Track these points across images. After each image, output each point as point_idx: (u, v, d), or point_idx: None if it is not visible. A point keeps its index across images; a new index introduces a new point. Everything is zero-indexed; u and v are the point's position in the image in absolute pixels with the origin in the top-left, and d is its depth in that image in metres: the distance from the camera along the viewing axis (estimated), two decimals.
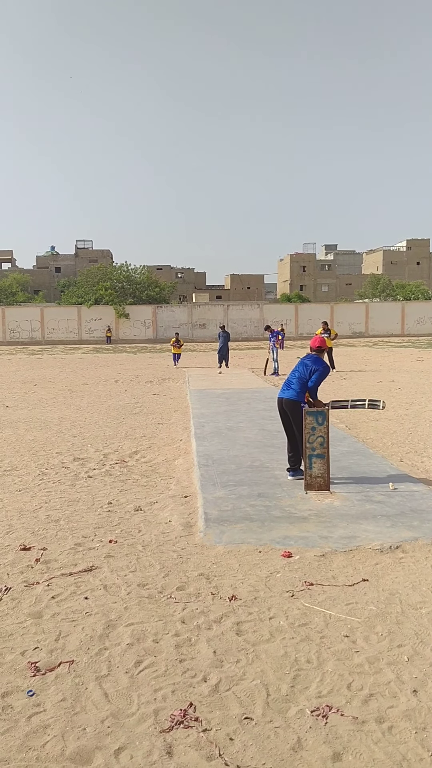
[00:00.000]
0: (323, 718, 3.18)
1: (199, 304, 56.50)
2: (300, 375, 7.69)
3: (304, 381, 7.64)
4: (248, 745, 2.99)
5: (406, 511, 6.37)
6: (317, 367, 7.60)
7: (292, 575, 4.95)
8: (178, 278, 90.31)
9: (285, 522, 6.15)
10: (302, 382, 7.64)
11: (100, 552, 5.54)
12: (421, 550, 5.42)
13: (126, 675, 3.61)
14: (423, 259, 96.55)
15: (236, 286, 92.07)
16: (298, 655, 3.79)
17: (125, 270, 57.64)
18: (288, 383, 7.82)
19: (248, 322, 52.50)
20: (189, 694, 3.41)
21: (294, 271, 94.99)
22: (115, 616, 4.32)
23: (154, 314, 52.40)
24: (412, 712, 3.23)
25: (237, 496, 7.00)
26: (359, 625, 4.15)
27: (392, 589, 4.69)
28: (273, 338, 22.56)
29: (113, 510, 6.77)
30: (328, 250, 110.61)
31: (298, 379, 7.68)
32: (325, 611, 4.34)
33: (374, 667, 3.65)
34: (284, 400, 7.75)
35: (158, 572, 5.06)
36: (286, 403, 7.71)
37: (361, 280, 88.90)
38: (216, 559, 5.31)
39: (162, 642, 3.97)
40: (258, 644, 3.92)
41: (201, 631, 4.09)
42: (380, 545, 5.49)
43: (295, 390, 7.65)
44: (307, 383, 7.61)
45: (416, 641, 3.93)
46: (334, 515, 6.32)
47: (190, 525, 6.21)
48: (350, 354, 32.12)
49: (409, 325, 52.85)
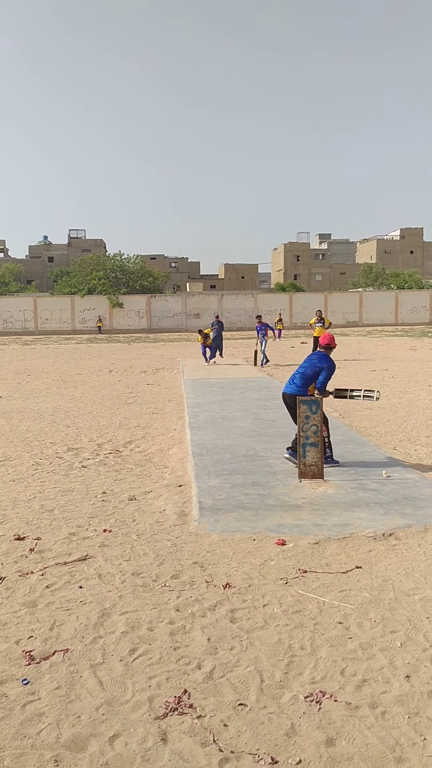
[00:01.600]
0: (317, 704, 3.20)
1: (193, 293, 56.35)
2: (304, 371, 7.73)
3: (307, 377, 7.67)
4: (242, 731, 3.01)
5: (399, 499, 6.40)
6: (324, 365, 7.61)
7: (286, 563, 4.97)
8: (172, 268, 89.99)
9: (279, 510, 6.16)
10: (305, 378, 7.67)
11: (94, 541, 5.54)
12: (413, 537, 5.44)
13: (120, 663, 3.62)
14: (416, 248, 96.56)
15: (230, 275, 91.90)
16: (292, 641, 3.81)
17: (119, 259, 57.39)
18: (292, 379, 7.87)
19: (242, 311, 52.40)
20: (183, 681, 3.43)
21: (288, 261, 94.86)
22: (109, 605, 4.33)
23: (147, 304, 52.25)
24: (405, 697, 3.26)
25: (231, 484, 7.01)
26: (353, 611, 4.18)
27: (385, 575, 4.71)
28: (261, 330, 22.28)
29: (107, 499, 6.77)
30: (321, 239, 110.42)
31: (301, 375, 7.73)
32: (318, 598, 4.36)
33: (367, 653, 3.68)
34: (287, 395, 7.80)
35: (152, 561, 5.07)
36: (289, 398, 7.77)
37: (355, 269, 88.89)
38: (210, 548, 5.32)
39: (156, 630, 3.98)
40: (252, 631, 3.94)
41: (195, 619, 4.10)
42: (373, 532, 5.51)
43: (297, 385, 7.70)
44: (310, 379, 7.65)
45: (409, 627, 3.96)
46: (328, 503, 6.34)
47: (184, 514, 6.22)
48: (344, 343, 32.14)
49: (403, 314, 52.87)
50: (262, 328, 22.27)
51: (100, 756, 2.87)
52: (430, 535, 5.50)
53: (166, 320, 52.18)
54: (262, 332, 22.32)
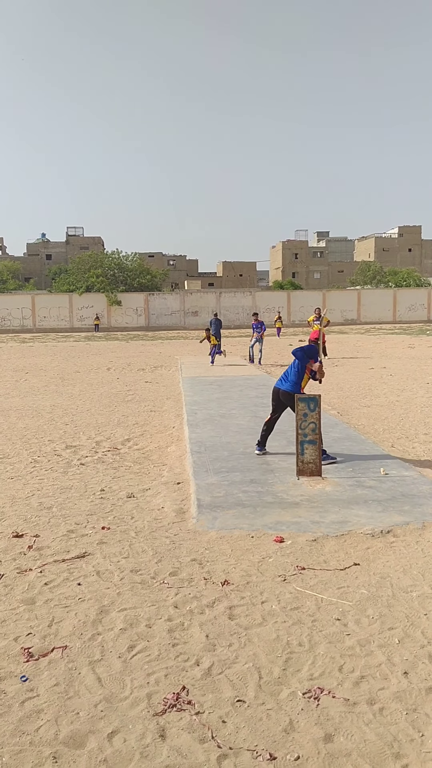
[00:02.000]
0: (315, 700, 3.21)
1: (192, 291, 56.30)
2: (296, 368, 7.87)
3: (299, 370, 7.84)
4: (240, 728, 3.01)
5: (397, 496, 6.41)
6: (297, 359, 7.86)
7: (284, 560, 4.97)
8: (170, 265, 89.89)
9: (277, 507, 6.17)
10: (299, 373, 7.83)
11: (92, 539, 5.54)
12: (411, 534, 5.45)
13: (119, 659, 3.62)
14: (415, 246, 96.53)
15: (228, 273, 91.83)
16: (290, 638, 3.81)
17: (117, 257, 57.32)
18: (285, 375, 8.00)
19: (240, 309, 52.37)
20: (182, 677, 3.43)
21: (286, 258, 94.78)
22: (108, 602, 4.33)
23: (146, 302, 52.22)
24: (402, 693, 3.27)
25: (229, 482, 7.02)
26: (351, 608, 4.18)
27: (383, 572, 4.72)
28: (257, 328, 22.15)
29: (106, 497, 6.77)
30: (320, 237, 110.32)
31: (296, 371, 7.86)
32: (316, 595, 4.37)
33: (365, 649, 3.68)
34: (280, 391, 7.93)
35: (151, 558, 5.07)
36: (282, 394, 7.90)
37: (353, 267, 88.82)
38: (208, 545, 5.32)
39: (155, 627, 3.99)
40: (250, 628, 3.94)
41: (194, 616, 4.11)
42: (371, 530, 5.52)
43: (291, 382, 7.83)
44: (302, 372, 7.85)
45: (407, 624, 3.96)
46: (326, 500, 6.35)
47: (182, 511, 6.22)
48: (342, 341, 32.15)
49: (401, 312, 52.90)
50: (258, 325, 22.21)
51: (98, 752, 2.87)
52: (428, 532, 5.51)
53: (165, 318, 52.16)
54: (257, 330, 22.25)
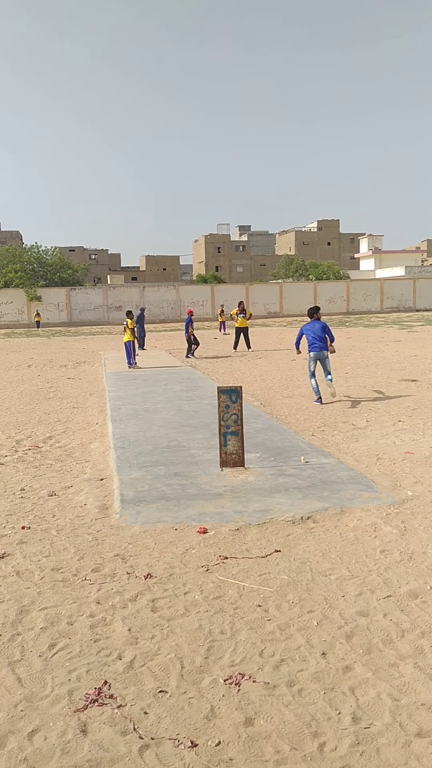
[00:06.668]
0: (236, 686, 3.26)
1: (115, 285, 55.68)
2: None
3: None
4: (162, 717, 3.03)
5: (316, 483, 6.57)
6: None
7: (207, 550, 5.02)
8: (92, 260, 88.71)
9: (201, 499, 6.21)
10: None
11: (12, 539, 5.42)
12: (330, 520, 5.61)
13: (39, 658, 3.57)
14: (333, 240, 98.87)
15: (152, 267, 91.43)
16: (212, 627, 3.86)
17: (36, 252, 56.06)
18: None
19: (165, 303, 52.16)
20: (104, 672, 3.42)
21: (209, 252, 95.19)
22: (28, 602, 4.25)
23: (67, 297, 51.20)
24: (321, 674, 3.37)
25: (153, 476, 7.01)
26: (271, 594, 4.27)
27: (303, 558, 4.84)
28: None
29: (26, 496, 6.63)
30: (242, 231, 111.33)
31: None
32: (238, 583, 4.43)
33: (285, 633, 3.77)
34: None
35: (73, 555, 5.01)
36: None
37: (274, 260, 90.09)
38: (132, 539, 5.31)
39: (76, 624, 3.95)
40: (173, 619, 3.97)
41: (116, 611, 4.10)
42: (292, 517, 5.65)
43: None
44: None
45: (325, 606, 4.08)
46: (249, 490, 6.44)
47: (105, 507, 6.17)
48: (265, 334, 32.57)
49: (321, 305, 53.74)
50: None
51: (18, 752, 2.83)
52: (346, 516, 5.68)
53: (87, 313, 51.30)
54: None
